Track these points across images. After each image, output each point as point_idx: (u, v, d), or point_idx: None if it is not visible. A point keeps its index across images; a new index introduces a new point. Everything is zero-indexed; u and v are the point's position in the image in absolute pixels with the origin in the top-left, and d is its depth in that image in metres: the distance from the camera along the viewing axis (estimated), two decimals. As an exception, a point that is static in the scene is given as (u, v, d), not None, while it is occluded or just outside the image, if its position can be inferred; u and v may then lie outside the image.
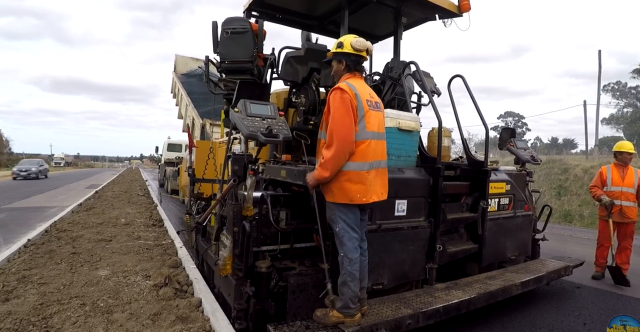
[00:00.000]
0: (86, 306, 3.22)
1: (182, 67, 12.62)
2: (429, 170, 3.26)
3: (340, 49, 2.68)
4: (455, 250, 3.41)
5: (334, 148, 2.45)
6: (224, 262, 2.81)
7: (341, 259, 2.55)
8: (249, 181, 2.81)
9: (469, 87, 3.87)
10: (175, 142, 18.62)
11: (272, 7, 4.70)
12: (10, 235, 7.09)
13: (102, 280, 3.85)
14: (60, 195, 15.62)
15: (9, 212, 10.38)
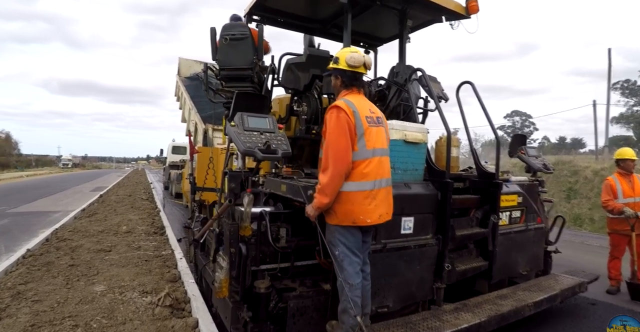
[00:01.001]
0: (78, 327, 3.08)
1: (185, 70, 12.54)
2: (437, 184, 3.09)
3: (336, 65, 2.57)
4: (464, 268, 3.23)
5: (329, 171, 2.32)
6: (220, 284, 2.67)
7: (340, 285, 2.40)
8: (246, 198, 2.67)
9: (478, 94, 3.70)
10: (179, 145, 18.55)
11: (274, 11, 4.56)
12: (12, 242, 7.02)
13: (98, 297, 3.71)
14: (66, 198, 15.61)
15: (13, 217, 10.34)
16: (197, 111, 9.95)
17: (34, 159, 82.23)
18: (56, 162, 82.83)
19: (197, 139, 9.36)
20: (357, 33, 4.86)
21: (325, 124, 2.45)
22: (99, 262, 4.94)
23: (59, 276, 4.41)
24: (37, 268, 4.71)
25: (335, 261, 2.43)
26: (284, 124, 4.22)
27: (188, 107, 10.90)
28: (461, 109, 3.88)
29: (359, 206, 2.36)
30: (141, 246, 5.95)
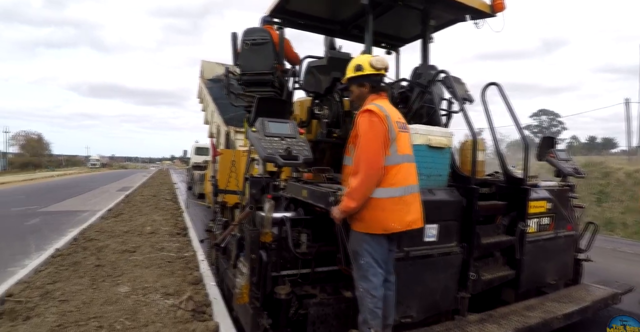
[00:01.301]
0: (103, 328, 3.14)
1: (208, 72, 12.64)
2: (462, 190, 3.00)
3: (360, 72, 2.54)
4: (490, 277, 3.13)
5: (361, 176, 2.27)
6: (240, 290, 2.66)
7: (362, 295, 2.35)
8: (267, 205, 2.65)
9: (506, 96, 3.58)
10: (202, 146, 18.78)
11: (294, 13, 4.54)
12: (42, 241, 7.25)
13: (122, 298, 3.77)
14: (94, 198, 16.05)
15: (43, 216, 10.68)
16: (219, 113, 10.00)
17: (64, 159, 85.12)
18: (85, 162, 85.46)
19: (219, 141, 9.41)
20: (379, 34, 4.78)
21: (357, 128, 2.42)
22: (124, 263, 5.02)
23: (85, 276, 4.50)
24: (64, 268, 4.83)
25: (358, 271, 2.38)
26: (305, 128, 4.20)
27: (210, 109, 10.98)
28: (487, 111, 3.76)
29: (390, 213, 2.32)
30: (164, 247, 6.03)
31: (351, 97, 2.72)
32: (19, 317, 3.38)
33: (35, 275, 4.64)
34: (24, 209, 12.21)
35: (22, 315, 3.41)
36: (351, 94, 2.68)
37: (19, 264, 5.54)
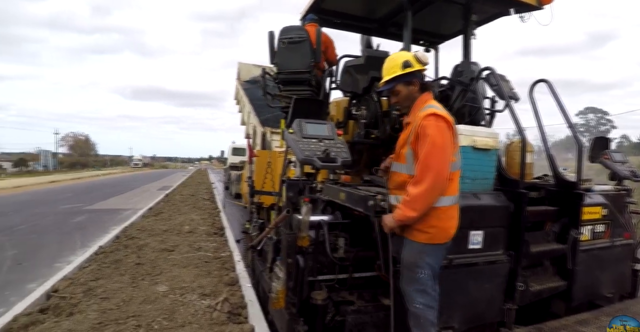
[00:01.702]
0: (141, 327, 3.18)
1: (245, 74, 12.81)
2: (509, 194, 2.82)
3: (410, 69, 2.30)
4: (539, 288, 2.92)
5: (425, 186, 2.09)
6: (276, 295, 2.61)
7: (420, 311, 2.21)
8: (304, 208, 2.58)
9: (557, 94, 3.35)
10: (239, 147, 19.08)
11: (330, 12, 4.46)
12: (86, 238, 7.60)
13: (160, 297, 3.83)
14: (135, 197, 16.63)
15: (89, 214, 11.17)
16: (255, 114, 10.10)
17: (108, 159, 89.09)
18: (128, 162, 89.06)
19: (255, 142, 9.50)
20: (417, 31, 4.61)
21: (421, 133, 2.19)
22: (162, 262, 5.13)
23: (126, 274, 4.62)
24: (106, 265, 4.99)
25: (414, 284, 2.22)
26: (342, 129, 4.11)
27: (247, 110, 11.12)
28: (536, 110, 3.55)
29: (455, 221, 2.25)
30: (202, 246, 6.11)
31: (397, 98, 2.42)
32: (62, 313, 3.50)
33: (80, 271, 4.82)
34: (71, 206, 12.82)
35: (65, 311, 3.53)
36: (396, 95, 2.40)
37: (65, 260, 5.81)
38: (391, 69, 2.37)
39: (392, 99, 2.47)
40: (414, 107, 2.36)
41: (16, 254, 6.45)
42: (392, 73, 2.35)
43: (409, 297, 2.24)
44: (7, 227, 8.80)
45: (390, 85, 2.37)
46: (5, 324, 3.24)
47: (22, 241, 7.41)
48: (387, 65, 2.41)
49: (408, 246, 2.25)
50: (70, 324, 3.19)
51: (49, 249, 6.81)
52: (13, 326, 3.23)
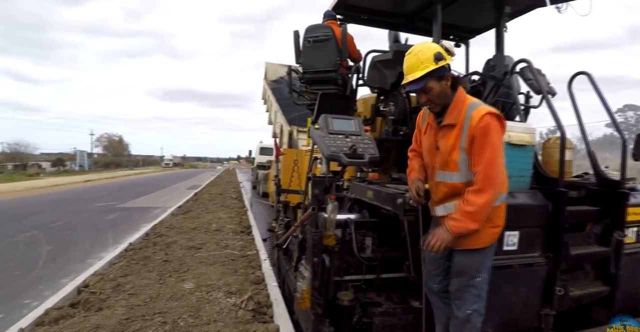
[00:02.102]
0: (167, 324, 3.17)
1: (272, 74, 12.87)
2: (547, 193, 2.66)
3: (443, 62, 2.02)
4: (579, 293, 2.74)
5: (487, 196, 1.95)
6: (302, 295, 2.55)
7: (470, 317, 2.10)
8: (330, 205, 2.51)
9: (597, 86, 3.16)
10: (267, 146, 19.22)
11: (357, 9, 4.36)
12: (118, 235, 7.79)
13: (186, 294, 3.83)
14: (165, 195, 17.00)
15: (121, 212, 11.47)
16: (282, 113, 10.13)
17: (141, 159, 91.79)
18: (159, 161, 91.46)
19: (282, 141, 9.51)
20: (447, 25, 4.46)
21: (483, 135, 2.00)
22: (190, 259, 5.15)
23: (153, 270, 4.66)
24: (135, 262, 5.05)
25: (471, 289, 2.11)
26: (369, 126, 4.03)
27: (274, 110, 11.15)
28: (575, 104, 3.35)
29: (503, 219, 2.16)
30: (229, 244, 6.13)
31: (428, 96, 2.11)
32: (92, 308, 3.55)
33: (110, 267, 4.91)
34: (104, 204, 13.21)
35: (95, 306, 3.58)
36: (427, 92, 2.10)
37: (97, 256, 5.95)
38: (421, 63, 2.03)
39: (422, 98, 2.14)
40: (452, 106, 2.12)
41: (51, 250, 6.65)
42: (423, 68, 2.02)
43: (461, 302, 2.12)
44: (43, 223, 9.12)
45: (422, 82, 2.04)
46: (37, 318, 3.31)
47: (57, 237, 7.64)
48: (415, 60, 2.06)
49: (466, 255, 2.11)
50: (99, 319, 3.23)
51: (82, 245, 6.99)
52: (44, 319, 3.29)
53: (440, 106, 2.14)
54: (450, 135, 2.10)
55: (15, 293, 4.53)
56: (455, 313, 2.14)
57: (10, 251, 6.57)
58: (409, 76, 2.07)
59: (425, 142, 2.30)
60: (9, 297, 4.39)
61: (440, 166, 2.17)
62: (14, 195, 17.18)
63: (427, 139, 2.29)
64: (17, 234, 7.90)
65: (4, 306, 4.14)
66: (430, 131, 2.26)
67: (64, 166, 55.58)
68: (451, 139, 2.10)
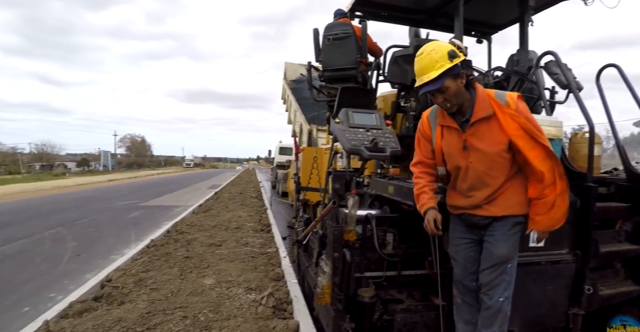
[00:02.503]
0: (187, 318, 3.20)
1: (291, 73, 12.93)
2: (575, 188, 2.57)
3: (457, 59, 1.95)
4: (609, 293, 2.64)
5: (565, 185, 2.01)
6: (322, 290, 2.52)
7: (501, 305, 2.08)
8: (350, 200, 2.48)
9: (627, 79, 3.05)
10: (286, 146, 19.32)
11: (377, 5, 4.32)
12: (140, 232, 7.91)
13: (207, 290, 3.86)
14: (187, 194, 17.23)
15: (143, 210, 11.68)
16: (302, 112, 10.16)
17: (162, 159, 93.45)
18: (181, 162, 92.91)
19: (302, 140, 9.54)
20: (469, 21, 4.39)
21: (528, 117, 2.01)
22: (210, 256, 5.20)
23: (174, 266, 4.72)
24: (157, 258, 5.14)
25: (504, 276, 2.09)
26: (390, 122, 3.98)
27: (294, 109, 11.20)
28: (603, 98, 3.24)
29: None
30: (248, 242, 6.17)
31: (444, 96, 2.02)
32: (114, 302, 3.62)
33: (132, 263, 5.00)
34: (127, 203, 13.48)
35: (117, 300, 3.66)
36: (443, 92, 2.00)
37: (120, 253, 6.06)
38: (436, 62, 1.96)
39: (438, 99, 2.05)
40: (479, 100, 2.04)
41: (75, 246, 6.81)
42: (439, 67, 1.94)
43: (493, 292, 2.09)
44: (68, 221, 9.37)
45: (438, 82, 1.95)
46: (62, 311, 3.39)
47: (82, 234, 7.82)
48: (429, 60, 1.98)
49: (512, 240, 2.10)
50: (121, 312, 3.28)
51: (105, 242, 7.14)
52: (68, 312, 3.38)
53: (456, 105, 2.05)
54: (491, 127, 2.02)
55: (42, 287, 4.65)
56: (487, 303, 2.09)
57: (37, 246, 6.76)
58: (424, 77, 1.99)
59: (446, 146, 2.16)
60: (35, 291, 4.50)
61: (482, 163, 2.06)
62: (40, 193, 17.74)
63: (447, 142, 2.15)
64: (43, 230, 8.13)
65: (30, 299, 4.25)
66: (450, 133, 2.14)
67: (89, 166, 57.03)
68: (494, 130, 2.01)
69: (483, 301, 2.12)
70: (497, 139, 2.00)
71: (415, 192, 2.26)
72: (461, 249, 2.22)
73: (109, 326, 3.04)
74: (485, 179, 2.07)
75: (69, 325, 3.07)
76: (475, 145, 2.05)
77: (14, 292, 4.46)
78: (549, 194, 1.98)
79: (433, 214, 2.12)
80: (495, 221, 2.10)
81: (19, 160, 47.50)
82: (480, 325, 2.13)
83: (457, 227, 2.26)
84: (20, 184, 23.73)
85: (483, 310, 2.12)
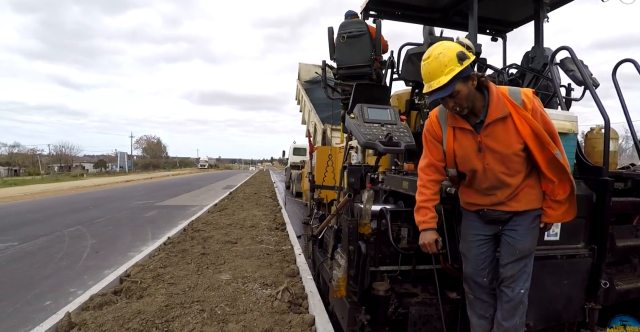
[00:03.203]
0: (205, 312, 3.26)
1: (305, 74, 13.01)
2: (591, 183, 2.57)
3: (467, 61, 1.87)
4: (626, 288, 2.63)
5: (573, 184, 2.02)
6: (337, 283, 2.56)
7: (522, 296, 2.13)
8: (365, 194, 2.52)
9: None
10: (300, 147, 19.41)
11: (391, 4, 4.36)
12: (157, 230, 8.06)
13: (223, 285, 3.93)
14: (202, 194, 17.44)
15: (159, 209, 11.85)
16: (316, 112, 10.22)
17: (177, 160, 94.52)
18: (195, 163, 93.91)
19: (316, 139, 9.59)
20: (484, 19, 4.39)
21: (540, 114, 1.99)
22: (226, 253, 5.28)
23: (191, 262, 4.81)
24: (174, 254, 5.23)
25: (526, 268, 2.13)
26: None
27: (308, 109, 11.27)
28: (620, 94, 3.22)
29: None
30: (263, 240, 6.24)
31: (455, 100, 1.95)
32: (133, 296, 3.72)
33: (150, 259, 5.11)
34: (144, 202, 13.71)
35: (136, 294, 3.75)
36: (454, 96, 1.93)
37: (137, 250, 6.19)
38: (445, 67, 1.86)
39: (449, 103, 1.97)
40: (495, 100, 1.97)
41: (95, 243, 6.95)
42: (448, 72, 1.84)
43: (514, 283, 2.11)
44: (87, 219, 9.58)
45: (449, 88, 1.87)
46: (83, 303, 3.49)
47: (100, 232, 7.99)
48: (437, 64, 1.88)
49: (534, 233, 2.13)
50: (140, 305, 3.36)
51: (123, 240, 7.28)
52: (89, 304, 3.48)
53: (468, 108, 1.99)
54: (507, 128, 1.97)
55: (62, 282, 4.75)
56: (509, 296, 2.11)
57: (57, 244, 6.92)
58: (433, 83, 1.89)
59: (459, 149, 2.10)
60: (56, 286, 4.61)
61: (499, 164, 2.03)
62: (59, 194, 18.15)
63: (461, 144, 2.10)
64: (63, 228, 8.32)
65: (52, 293, 4.36)
66: (464, 135, 2.08)
67: (106, 167, 58.03)
68: (510, 130, 1.96)
69: (504, 294, 2.13)
70: (513, 139, 1.96)
71: (417, 204, 2.23)
72: (473, 246, 2.22)
73: (128, 318, 3.11)
74: (505, 179, 2.04)
75: (90, 317, 3.15)
76: (491, 146, 2.01)
77: (36, 287, 4.57)
78: (559, 193, 2.01)
79: (434, 236, 2.17)
80: (516, 216, 2.11)
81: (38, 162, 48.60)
82: (501, 318, 2.14)
83: (472, 223, 2.25)
84: (40, 185, 24.32)
85: (505, 302, 2.13)
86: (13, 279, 4.89)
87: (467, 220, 2.28)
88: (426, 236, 2.16)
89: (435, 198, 2.21)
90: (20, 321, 3.59)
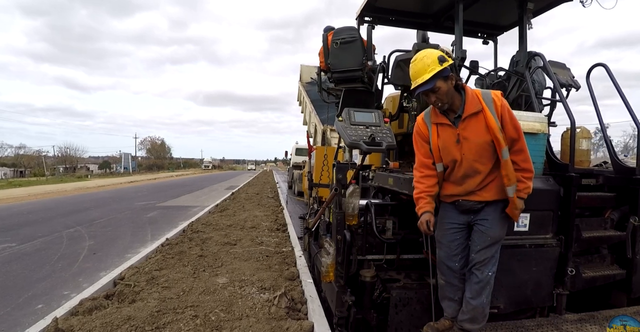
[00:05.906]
0: (198, 318, 3.16)
1: (306, 76, 13.21)
2: (558, 178, 2.81)
3: (446, 63, 2.26)
4: (593, 275, 2.86)
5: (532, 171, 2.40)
6: (327, 269, 2.83)
7: (489, 278, 2.38)
8: (350, 188, 2.77)
9: (613, 77, 3.26)
10: (302, 147, 19.61)
11: (385, 11, 4.57)
12: (157, 231, 8.11)
13: (219, 289, 3.86)
14: (204, 195, 17.60)
15: (161, 210, 11.96)
16: (316, 114, 10.43)
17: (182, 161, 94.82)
18: (199, 164, 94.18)
19: (316, 140, 9.80)
20: (474, 23, 4.62)
21: (507, 112, 2.32)
22: (224, 255, 5.24)
23: (188, 265, 4.74)
24: (171, 256, 5.16)
25: (496, 254, 2.40)
26: (396, 121, 4.25)
27: (308, 110, 11.47)
28: (592, 94, 3.45)
29: None
30: (264, 241, 6.20)
31: (436, 95, 2.32)
32: (125, 300, 3.63)
33: (146, 261, 5.01)
34: (145, 203, 13.88)
35: (128, 298, 3.65)
36: (435, 92, 2.30)
37: (135, 251, 6.14)
38: (428, 66, 2.27)
39: (431, 98, 2.35)
40: (470, 98, 2.34)
41: (92, 244, 6.92)
42: (431, 70, 2.26)
43: (484, 266, 2.37)
44: (87, 220, 9.64)
45: (431, 83, 2.26)
46: (72, 308, 3.39)
47: (99, 233, 7.97)
48: (422, 65, 2.30)
49: (503, 222, 2.41)
50: (131, 310, 3.26)
51: (122, 241, 7.24)
52: (79, 309, 3.36)
53: (448, 104, 2.35)
54: (479, 121, 2.31)
55: (56, 285, 4.70)
56: (479, 277, 2.36)
57: (55, 245, 6.84)
58: (418, 80, 2.30)
59: (442, 142, 2.41)
60: (50, 289, 4.57)
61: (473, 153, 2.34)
62: (62, 194, 18.36)
63: (442, 138, 2.42)
64: (62, 229, 8.32)
65: (44, 296, 4.31)
66: (445, 130, 2.41)
67: (110, 168, 58.42)
68: (481, 123, 2.31)
69: (475, 275, 2.38)
70: (484, 131, 2.30)
71: (414, 196, 2.49)
72: (448, 234, 2.48)
73: (117, 324, 3.01)
74: (477, 167, 2.35)
75: (78, 323, 3.05)
76: (467, 136, 2.34)
77: (29, 290, 4.52)
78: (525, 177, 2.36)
79: (427, 217, 2.40)
80: (487, 206, 2.38)
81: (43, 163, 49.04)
82: (469, 296, 2.39)
83: (448, 213, 2.52)
84: (45, 186, 24.59)
85: (474, 283, 2.38)
86: (7, 281, 4.85)
87: (444, 210, 2.55)
88: (422, 217, 2.42)
89: (430, 190, 2.47)
90: (9, 326, 3.52)
